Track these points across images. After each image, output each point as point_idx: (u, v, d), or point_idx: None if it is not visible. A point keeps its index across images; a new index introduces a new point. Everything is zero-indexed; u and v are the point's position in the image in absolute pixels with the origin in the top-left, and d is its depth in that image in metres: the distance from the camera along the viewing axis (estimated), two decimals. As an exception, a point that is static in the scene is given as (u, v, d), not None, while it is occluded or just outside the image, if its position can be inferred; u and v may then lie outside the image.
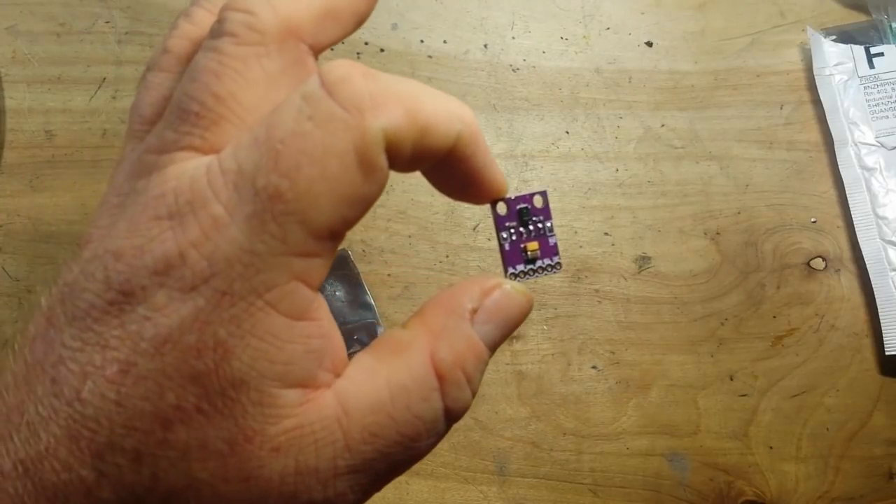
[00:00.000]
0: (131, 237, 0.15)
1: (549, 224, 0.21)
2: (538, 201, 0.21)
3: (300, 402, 0.15)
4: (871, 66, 0.44)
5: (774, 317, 0.41)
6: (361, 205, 0.15)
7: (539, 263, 0.21)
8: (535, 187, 0.42)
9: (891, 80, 0.43)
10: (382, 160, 0.15)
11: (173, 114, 0.16)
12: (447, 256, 0.41)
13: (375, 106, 0.15)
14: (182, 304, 0.14)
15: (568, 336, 0.40)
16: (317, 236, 0.15)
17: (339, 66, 0.15)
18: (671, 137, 0.44)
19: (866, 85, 0.44)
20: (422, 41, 0.45)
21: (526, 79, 0.45)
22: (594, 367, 0.40)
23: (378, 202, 0.46)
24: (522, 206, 0.20)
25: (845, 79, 0.44)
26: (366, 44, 0.44)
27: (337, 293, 0.40)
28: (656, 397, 0.39)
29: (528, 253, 0.20)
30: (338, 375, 0.17)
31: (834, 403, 0.40)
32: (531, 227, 0.21)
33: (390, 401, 0.16)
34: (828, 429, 0.39)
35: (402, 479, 0.37)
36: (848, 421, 0.39)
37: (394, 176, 0.18)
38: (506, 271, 0.20)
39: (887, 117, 0.43)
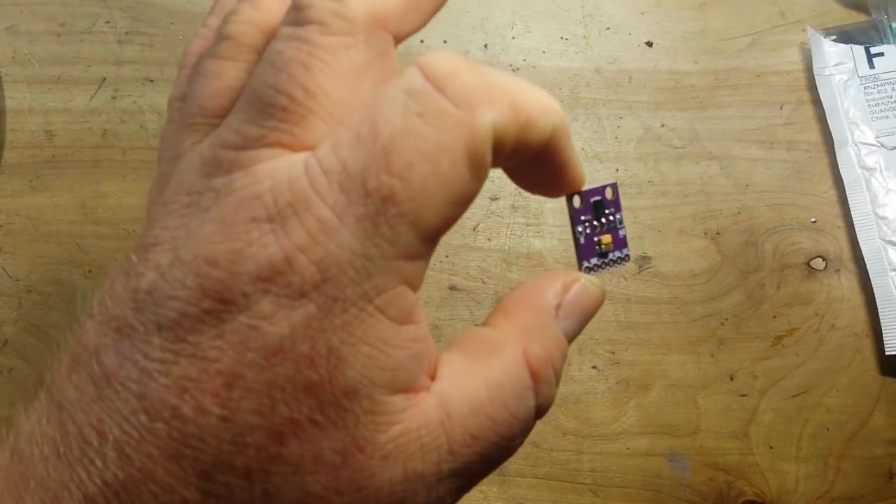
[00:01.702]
0: (227, 241, 0.14)
1: (619, 216, 0.21)
2: (609, 193, 0.21)
3: (405, 407, 0.15)
4: (871, 66, 0.44)
5: (774, 317, 0.41)
6: (466, 204, 0.15)
7: (611, 256, 0.21)
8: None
9: (891, 80, 0.43)
10: (489, 157, 0.15)
11: (254, 107, 0.15)
12: (447, 256, 0.41)
13: (483, 101, 0.14)
14: (292, 311, 0.14)
15: (568, 336, 0.40)
16: (425, 238, 0.14)
17: (444, 60, 0.14)
18: (671, 137, 0.44)
19: (866, 85, 0.44)
20: (422, 41, 0.45)
21: (526, 79, 0.45)
22: (594, 367, 0.40)
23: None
24: (596, 198, 0.20)
25: (845, 79, 0.44)
26: (366, 44, 0.44)
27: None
28: (656, 397, 0.39)
29: (602, 246, 0.20)
30: (433, 377, 0.16)
31: (834, 403, 0.40)
32: (604, 220, 0.20)
33: (489, 401, 0.16)
34: (828, 429, 0.39)
35: (402, 479, 0.37)
36: (848, 421, 0.39)
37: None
38: (580, 265, 0.20)
39: (887, 117, 0.43)
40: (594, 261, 0.20)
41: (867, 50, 0.44)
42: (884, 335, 0.39)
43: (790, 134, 0.44)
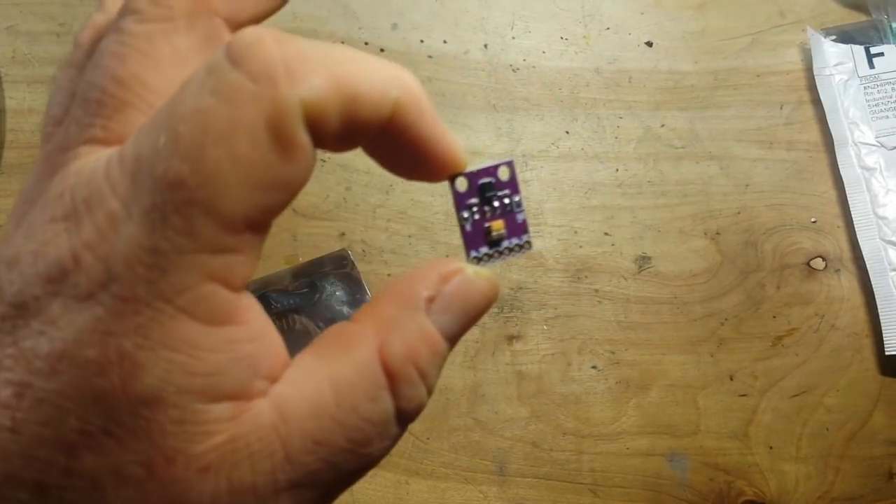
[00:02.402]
0: (26, 242, 0.13)
1: (517, 199, 0.18)
2: (504, 173, 0.18)
3: (232, 415, 0.14)
4: (871, 66, 0.44)
5: (774, 317, 0.41)
6: (283, 189, 0.13)
7: (505, 244, 0.18)
8: (536, 187, 0.42)
9: (891, 80, 0.43)
10: (303, 136, 0.13)
11: (77, 106, 0.15)
12: (447, 256, 0.41)
13: (291, 74, 0.13)
14: (78, 314, 0.13)
15: (568, 336, 0.40)
16: (230, 228, 0.13)
17: (248, 32, 0.13)
18: (671, 137, 0.44)
19: (866, 85, 0.44)
20: (422, 41, 0.45)
21: (526, 79, 0.45)
22: (594, 367, 0.40)
23: (378, 202, 0.46)
24: (485, 180, 0.18)
25: (845, 79, 0.44)
26: (366, 44, 0.44)
27: (337, 293, 0.40)
28: (656, 397, 0.39)
29: (493, 233, 0.18)
30: (275, 381, 0.15)
31: (834, 403, 0.40)
32: (496, 204, 0.18)
33: (334, 403, 0.14)
34: (828, 429, 0.39)
35: (401, 478, 0.37)
36: (848, 421, 0.39)
37: (395, 176, 0.17)
38: (468, 255, 0.18)
39: (887, 117, 0.43)
40: (484, 250, 0.18)
41: (867, 50, 0.44)
42: (884, 335, 0.39)
43: (790, 134, 0.44)
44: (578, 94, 0.45)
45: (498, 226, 0.18)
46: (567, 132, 0.44)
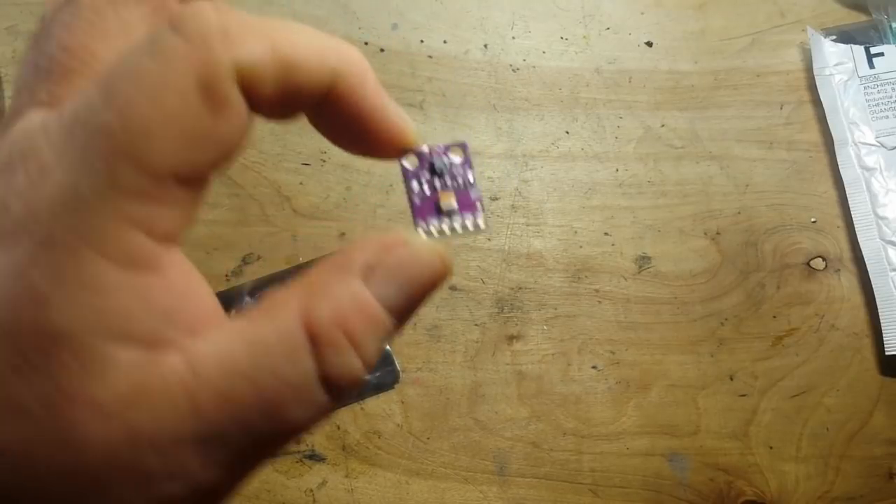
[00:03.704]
0: None
1: (470, 178, 0.17)
2: (456, 154, 0.18)
3: (140, 363, 0.14)
4: (871, 66, 0.44)
5: (774, 317, 0.41)
6: (214, 146, 0.14)
7: (457, 219, 0.17)
8: (536, 187, 0.42)
9: (891, 80, 0.43)
10: (235, 95, 0.14)
11: (29, 74, 0.15)
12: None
13: (226, 38, 0.13)
14: (0, 254, 0.13)
15: (568, 336, 0.40)
16: (155, 177, 0.13)
17: (192, 3, 0.14)
18: (671, 137, 0.44)
19: (866, 85, 0.44)
20: (422, 41, 0.45)
21: (526, 79, 0.45)
22: (594, 367, 0.40)
23: (378, 202, 0.46)
24: (436, 158, 0.17)
25: (845, 79, 0.44)
26: (366, 44, 0.44)
27: (337, 293, 0.40)
28: (656, 397, 0.39)
29: (442, 205, 0.17)
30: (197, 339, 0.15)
31: (834, 403, 0.40)
32: (448, 181, 0.17)
33: (248, 360, 0.14)
34: (828, 429, 0.39)
35: (401, 478, 0.37)
36: (848, 421, 0.39)
37: (395, 176, 0.17)
38: (415, 227, 0.17)
39: (887, 117, 0.43)
40: (433, 222, 0.17)
41: (867, 50, 0.44)
42: (884, 335, 0.39)
43: (790, 134, 0.44)
44: (578, 94, 0.45)
45: (447, 197, 0.17)
46: (567, 132, 0.44)
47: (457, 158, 0.18)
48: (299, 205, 0.41)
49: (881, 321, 0.40)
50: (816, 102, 0.44)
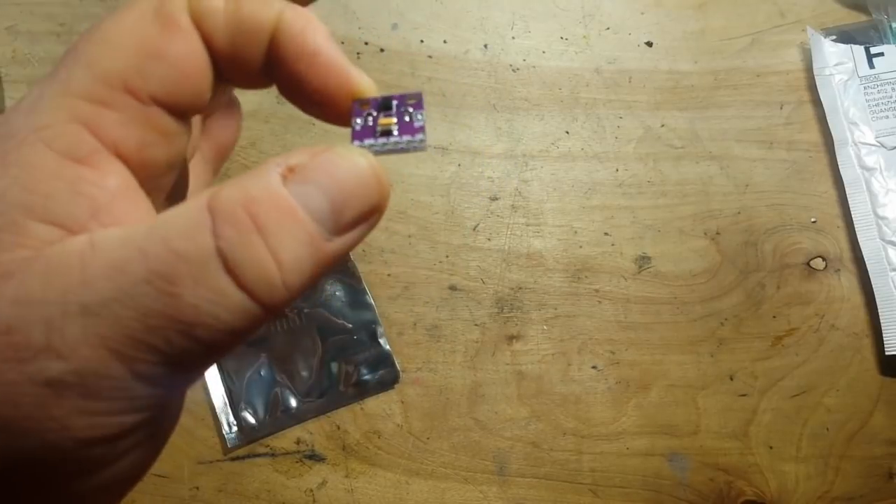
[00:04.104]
0: None
1: (419, 115, 0.17)
2: (411, 101, 0.17)
3: (51, 239, 0.14)
4: (871, 66, 0.44)
5: (774, 317, 0.41)
6: (164, 65, 0.15)
7: (395, 138, 0.16)
8: (536, 187, 0.42)
9: (891, 80, 0.43)
10: (184, 20, 0.15)
11: None
12: (447, 256, 0.41)
13: None
14: None
15: (568, 336, 0.40)
16: (105, 82, 0.15)
17: None
18: (671, 137, 0.44)
19: (866, 85, 0.44)
20: (422, 41, 0.45)
21: (526, 79, 0.45)
22: (594, 367, 0.40)
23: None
24: (387, 97, 0.17)
25: (845, 79, 0.44)
26: (366, 44, 0.44)
27: (337, 293, 0.40)
28: (656, 397, 0.39)
29: (380, 127, 0.16)
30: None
31: (834, 403, 0.40)
32: (393, 112, 0.17)
33: (144, 235, 0.14)
34: (828, 429, 0.39)
35: (401, 478, 0.37)
36: (848, 421, 0.39)
37: (394, 176, 0.17)
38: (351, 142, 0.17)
39: (887, 117, 0.43)
40: (369, 140, 0.16)
41: (867, 50, 0.44)
42: (884, 335, 0.39)
43: (790, 134, 0.44)
44: (578, 94, 0.45)
45: (387, 121, 0.16)
46: (567, 132, 0.44)
47: (410, 104, 0.17)
48: (299, 205, 0.41)
49: (881, 321, 0.40)
50: (816, 102, 0.44)
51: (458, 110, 0.44)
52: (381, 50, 0.44)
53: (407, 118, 0.17)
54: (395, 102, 0.17)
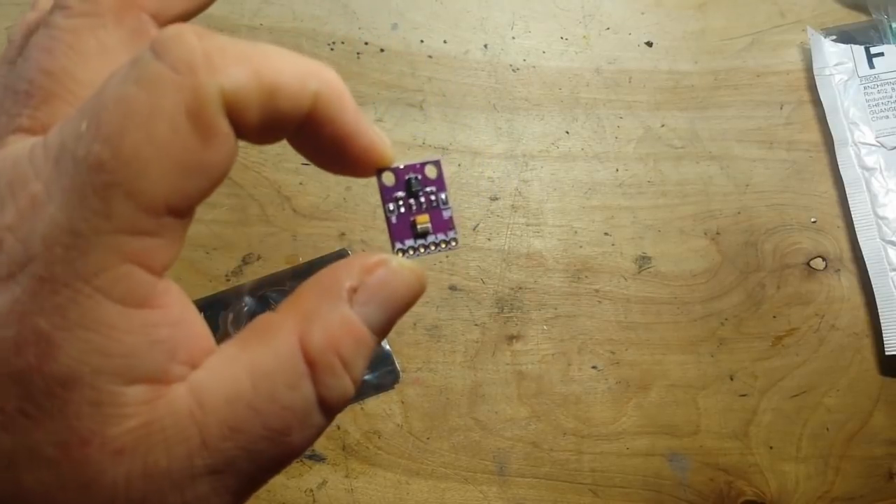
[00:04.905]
0: None
1: (443, 196, 0.19)
2: (431, 171, 0.18)
3: (148, 399, 0.14)
4: (871, 66, 0.44)
5: (774, 317, 0.41)
6: (204, 175, 0.14)
7: (431, 239, 0.19)
8: (536, 187, 0.42)
9: (891, 80, 0.43)
10: (222, 123, 0.14)
11: (7, 98, 0.15)
12: (447, 256, 0.41)
13: (211, 64, 0.13)
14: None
15: (568, 336, 0.40)
16: (150, 210, 0.13)
17: (171, 27, 0.14)
18: (671, 137, 0.44)
19: (866, 85, 0.44)
20: (422, 41, 0.45)
21: (526, 79, 0.45)
22: (594, 367, 0.40)
23: (377, 202, 0.46)
24: (411, 175, 0.18)
25: (845, 79, 0.44)
26: (366, 44, 0.44)
27: (337, 293, 0.40)
28: (656, 397, 0.39)
29: (418, 226, 0.18)
30: (195, 368, 0.15)
31: (834, 403, 0.40)
32: (422, 199, 0.18)
33: (252, 390, 0.14)
34: (828, 429, 0.39)
35: (401, 478, 0.37)
36: (848, 421, 0.39)
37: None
38: (393, 247, 0.18)
39: (887, 117, 0.43)
40: (409, 242, 0.18)
41: (867, 50, 0.44)
42: (884, 335, 0.39)
43: (790, 134, 0.44)
44: (578, 94, 0.45)
45: (423, 219, 0.18)
46: (567, 132, 0.44)
47: (431, 175, 0.19)
48: (299, 205, 0.41)
49: (881, 321, 0.40)
50: (816, 102, 0.44)
51: (458, 110, 0.44)
52: (381, 50, 0.44)
53: (434, 202, 0.19)
54: (419, 181, 0.18)
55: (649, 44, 0.46)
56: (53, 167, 0.13)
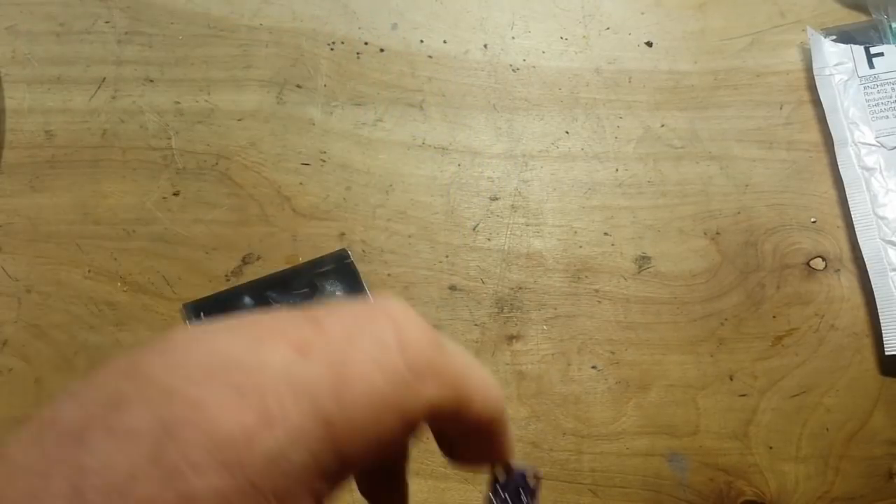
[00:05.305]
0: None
1: None
2: (532, 480, 0.21)
3: None
4: (871, 66, 0.44)
5: (774, 317, 0.41)
6: (387, 449, 0.16)
7: None
8: (536, 187, 0.42)
9: (891, 80, 0.43)
10: (421, 423, 0.17)
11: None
12: (447, 256, 0.41)
13: (432, 376, 0.16)
14: None
15: (568, 336, 0.40)
16: (346, 469, 0.16)
17: (415, 328, 0.17)
18: (671, 137, 0.44)
19: (866, 85, 0.44)
20: (422, 41, 0.45)
21: (526, 79, 0.45)
22: (594, 367, 0.40)
23: (378, 202, 0.46)
24: (518, 482, 0.21)
25: (845, 79, 0.44)
26: (366, 44, 0.44)
27: (337, 293, 0.40)
28: (656, 397, 0.39)
29: None
30: None
31: (834, 403, 0.40)
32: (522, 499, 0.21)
33: None
34: (828, 429, 0.39)
35: (401, 479, 0.37)
36: (848, 421, 0.39)
37: (394, 176, 0.18)
38: None
39: (887, 117, 0.43)
40: None
41: (867, 50, 0.44)
42: (884, 335, 0.39)
43: (790, 134, 0.44)
44: (578, 94, 0.45)
45: None
46: (567, 132, 0.44)
47: (531, 483, 0.21)
48: (299, 205, 0.41)
49: (881, 321, 0.40)
50: (816, 102, 0.44)
51: (458, 110, 0.44)
52: (381, 50, 0.44)
53: None
54: (522, 490, 0.21)
55: (649, 44, 0.46)
56: (293, 398, 0.15)
